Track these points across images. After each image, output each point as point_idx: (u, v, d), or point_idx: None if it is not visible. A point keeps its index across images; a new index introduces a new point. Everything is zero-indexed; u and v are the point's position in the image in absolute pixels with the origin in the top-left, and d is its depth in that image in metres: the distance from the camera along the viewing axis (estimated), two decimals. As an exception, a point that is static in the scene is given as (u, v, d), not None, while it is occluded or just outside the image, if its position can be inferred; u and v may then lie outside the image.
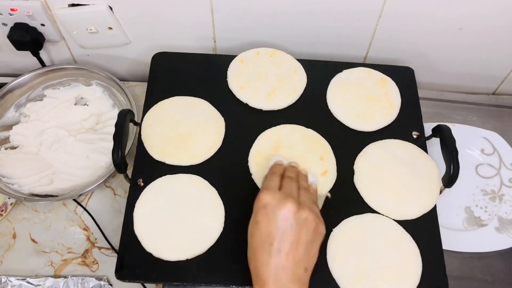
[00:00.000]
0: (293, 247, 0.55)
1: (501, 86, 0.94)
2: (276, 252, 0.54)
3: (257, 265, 0.55)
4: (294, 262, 0.54)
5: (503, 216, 0.77)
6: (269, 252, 0.54)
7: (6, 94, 0.84)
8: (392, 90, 0.78)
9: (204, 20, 0.82)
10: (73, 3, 0.78)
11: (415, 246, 0.64)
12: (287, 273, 0.54)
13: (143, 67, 0.90)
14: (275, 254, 0.54)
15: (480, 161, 0.83)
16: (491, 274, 0.73)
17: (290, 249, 0.54)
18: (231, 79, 0.78)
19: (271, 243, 0.54)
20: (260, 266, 0.54)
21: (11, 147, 0.83)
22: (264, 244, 0.55)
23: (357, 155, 0.72)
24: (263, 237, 0.55)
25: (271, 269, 0.54)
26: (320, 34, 0.85)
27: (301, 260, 0.55)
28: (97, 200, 0.80)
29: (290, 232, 0.55)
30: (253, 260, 0.56)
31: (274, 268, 0.54)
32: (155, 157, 0.70)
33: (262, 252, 0.55)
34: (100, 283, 0.72)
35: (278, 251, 0.54)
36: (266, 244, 0.55)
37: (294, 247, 0.55)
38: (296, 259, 0.55)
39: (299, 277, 0.54)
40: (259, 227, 0.56)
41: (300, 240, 0.55)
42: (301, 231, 0.56)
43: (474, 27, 0.80)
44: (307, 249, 0.56)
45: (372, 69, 0.80)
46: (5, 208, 0.78)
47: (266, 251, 0.55)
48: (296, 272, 0.54)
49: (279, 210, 0.56)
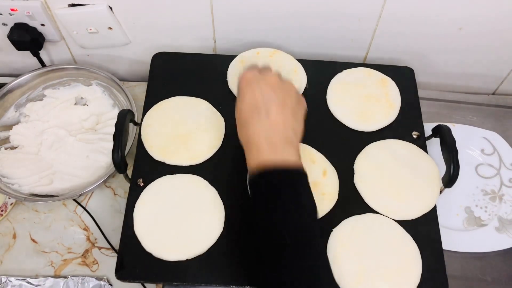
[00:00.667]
0: (279, 110, 0.57)
1: (501, 86, 0.94)
2: (264, 116, 0.56)
3: (249, 134, 0.57)
4: (283, 123, 0.57)
5: (503, 216, 0.77)
6: (259, 117, 0.57)
7: (6, 94, 0.84)
8: (392, 90, 0.78)
9: (204, 20, 0.82)
10: (73, 3, 0.78)
11: (415, 246, 0.64)
12: (278, 134, 0.56)
13: (143, 67, 0.90)
14: (264, 118, 0.56)
15: (480, 161, 0.83)
16: (491, 274, 0.73)
17: (277, 112, 0.57)
18: (231, 79, 0.78)
19: (259, 110, 0.57)
20: (252, 134, 0.57)
21: (11, 147, 0.83)
22: (253, 113, 0.57)
23: (357, 155, 0.72)
24: (251, 108, 0.58)
25: (263, 131, 0.56)
26: (320, 34, 0.85)
27: (289, 122, 0.57)
28: (97, 200, 0.80)
29: (275, 97, 0.58)
30: (244, 132, 0.58)
31: (265, 130, 0.56)
32: (155, 157, 0.70)
33: (252, 121, 0.57)
34: (100, 283, 0.72)
35: (267, 115, 0.56)
36: (254, 112, 0.57)
37: (281, 110, 0.57)
38: (284, 120, 0.57)
39: (289, 139, 0.56)
40: (245, 101, 0.59)
41: (285, 105, 0.58)
42: (285, 97, 0.59)
43: (474, 27, 0.80)
44: (293, 113, 0.59)
45: (372, 69, 0.80)
46: (5, 208, 0.78)
47: (255, 119, 0.57)
48: (286, 133, 0.56)
49: (263, 80, 0.60)
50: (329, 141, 0.73)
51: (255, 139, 0.56)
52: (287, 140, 0.56)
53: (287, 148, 0.56)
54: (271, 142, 0.55)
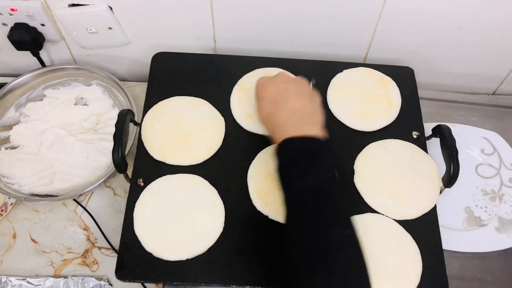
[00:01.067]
0: (296, 97, 0.63)
1: (501, 86, 0.94)
2: (283, 103, 0.62)
3: (273, 121, 0.62)
4: (301, 107, 0.62)
5: (503, 216, 0.77)
6: (279, 107, 0.62)
7: (6, 94, 0.84)
8: (392, 90, 0.78)
9: (204, 20, 0.82)
10: (73, 3, 0.78)
11: (415, 246, 0.64)
12: (298, 115, 0.61)
13: (143, 67, 0.90)
14: (284, 105, 0.62)
15: (480, 161, 0.83)
16: (491, 274, 0.73)
17: (295, 99, 0.63)
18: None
19: (278, 102, 0.63)
20: (276, 119, 0.62)
21: (11, 147, 0.83)
22: (273, 106, 0.63)
23: (357, 155, 0.72)
24: (270, 103, 0.64)
25: (284, 114, 0.61)
26: (320, 34, 0.85)
27: (307, 106, 0.63)
28: (97, 200, 0.80)
29: (290, 89, 0.64)
30: (270, 122, 0.64)
31: (286, 113, 0.61)
32: (155, 157, 0.70)
33: (273, 112, 0.62)
34: (100, 283, 0.72)
35: (285, 102, 0.62)
36: (275, 105, 0.63)
37: (298, 97, 0.63)
38: (302, 104, 0.62)
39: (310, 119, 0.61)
40: (264, 99, 0.65)
41: (301, 93, 0.64)
42: (299, 87, 0.65)
43: (474, 27, 0.80)
44: (309, 99, 0.64)
45: (372, 69, 0.80)
46: (5, 208, 0.78)
47: (276, 109, 0.62)
48: (306, 113, 0.62)
49: (276, 78, 0.67)
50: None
51: (280, 124, 0.61)
52: (309, 120, 0.61)
53: (309, 126, 0.60)
54: (294, 123, 0.60)
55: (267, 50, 0.87)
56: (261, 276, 0.62)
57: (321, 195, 0.54)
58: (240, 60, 0.82)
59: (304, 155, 0.57)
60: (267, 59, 0.82)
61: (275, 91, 0.64)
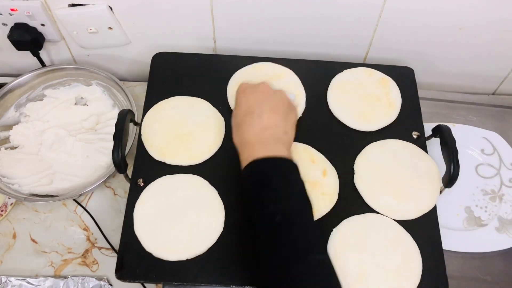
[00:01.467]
0: (272, 112, 0.61)
1: (501, 86, 0.94)
2: (257, 117, 0.61)
3: (242, 135, 0.61)
4: (275, 124, 0.60)
5: (503, 216, 0.77)
6: (252, 119, 0.61)
7: (6, 94, 0.84)
8: (392, 90, 0.78)
9: (204, 20, 0.82)
10: (73, 3, 0.78)
11: (415, 246, 0.64)
12: (269, 133, 0.60)
13: (143, 67, 0.90)
14: (257, 119, 0.60)
15: (480, 161, 0.83)
16: (491, 274, 0.73)
17: (270, 113, 0.61)
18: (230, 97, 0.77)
19: (252, 112, 0.61)
20: (245, 133, 0.60)
21: (11, 147, 0.83)
22: (246, 115, 0.62)
23: (357, 155, 0.72)
24: (245, 112, 0.62)
25: (255, 130, 0.60)
26: (320, 34, 0.85)
27: (280, 124, 0.61)
28: (97, 200, 0.80)
29: (268, 101, 0.63)
30: (239, 134, 0.62)
31: (257, 131, 0.60)
32: (155, 157, 0.70)
33: (245, 123, 0.61)
34: (100, 283, 0.72)
35: (259, 116, 0.61)
36: (247, 114, 0.62)
37: (273, 112, 0.61)
38: (276, 121, 0.61)
39: (281, 139, 0.60)
40: (240, 106, 0.64)
41: (278, 108, 0.63)
42: (277, 102, 0.64)
43: (474, 27, 0.80)
44: (285, 116, 0.63)
45: (373, 69, 0.80)
46: (5, 208, 0.78)
47: (248, 120, 0.61)
48: (277, 132, 0.60)
49: (257, 87, 0.65)
50: (329, 141, 0.73)
51: (248, 139, 0.60)
52: (279, 140, 0.60)
53: (278, 145, 0.58)
54: (262, 141, 0.59)
55: (267, 50, 0.87)
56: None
57: (295, 220, 0.53)
58: (240, 60, 0.81)
59: (274, 178, 0.56)
60: (267, 59, 0.81)
61: (252, 101, 0.63)
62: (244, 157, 0.59)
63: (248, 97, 0.64)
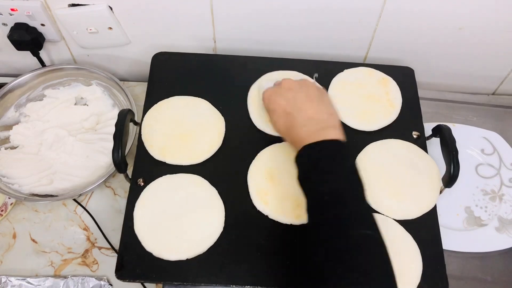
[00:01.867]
0: (308, 103, 0.63)
1: (501, 86, 0.94)
2: (297, 113, 0.62)
3: (292, 133, 0.62)
4: (315, 112, 0.62)
5: (503, 216, 0.77)
6: (294, 119, 0.62)
7: (6, 94, 0.84)
8: (393, 89, 0.78)
9: (204, 20, 0.82)
10: (73, 3, 0.78)
11: (416, 246, 0.64)
12: (314, 121, 0.61)
13: (143, 67, 0.90)
14: (298, 115, 0.62)
15: (480, 161, 0.83)
16: (491, 274, 0.73)
17: (307, 105, 0.62)
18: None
19: (292, 113, 0.62)
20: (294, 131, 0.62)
21: (11, 147, 0.83)
22: (287, 116, 0.63)
23: (357, 155, 0.72)
24: (283, 115, 0.63)
25: (300, 124, 0.61)
26: (320, 34, 0.85)
27: (321, 109, 0.63)
28: (97, 200, 0.80)
29: (299, 95, 0.64)
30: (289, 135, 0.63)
31: (302, 122, 0.61)
32: (155, 157, 0.70)
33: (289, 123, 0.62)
34: (100, 283, 0.72)
35: (299, 112, 0.62)
36: (289, 117, 0.63)
37: (309, 102, 0.63)
38: (315, 109, 0.62)
39: (326, 123, 0.61)
40: (276, 113, 0.65)
41: (310, 96, 0.64)
42: (307, 90, 0.65)
43: (474, 27, 0.80)
44: (320, 100, 0.64)
45: (373, 69, 0.80)
46: (5, 208, 0.78)
47: (291, 119, 0.62)
48: (322, 118, 0.61)
49: (282, 87, 0.66)
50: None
51: (298, 134, 0.61)
52: (326, 124, 0.61)
53: (327, 130, 0.60)
54: (312, 130, 0.60)
55: (267, 50, 0.87)
56: (261, 276, 0.62)
57: (341, 199, 0.54)
58: (240, 60, 0.82)
59: (322, 160, 0.57)
60: (267, 59, 0.82)
61: (284, 102, 0.64)
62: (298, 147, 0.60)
63: (279, 101, 0.65)
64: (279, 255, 0.63)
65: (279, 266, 0.63)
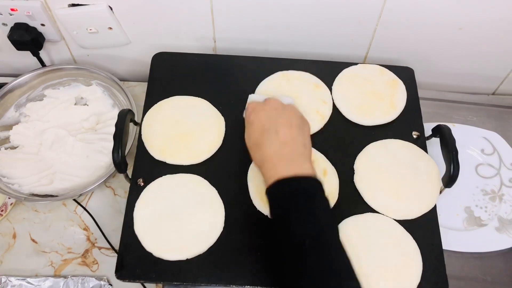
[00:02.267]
0: (287, 128, 0.61)
1: (501, 86, 0.94)
2: (274, 134, 0.60)
3: (263, 154, 0.60)
4: (292, 139, 0.60)
5: (503, 216, 0.77)
6: (269, 137, 0.60)
7: (6, 94, 0.84)
8: (399, 92, 0.77)
9: (204, 20, 0.82)
10: (73, 3, 0.78)
11: (416, 246, 0.64)
12: (290, 149, 0.59)
13: (143, 67, 0.90)
14: (275, 137, 0.60)
15: (480, 161, 0.83)
16: (491, 274, 0.73)
17: (285, 130, 0.61)
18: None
19: (269, 131, 0.61)
20: (266, 153, 0.60)
21: (11, 147, 0.83)
22: (263, 135, 0.61)
23: (357, 155, 0.72)
24: (260, 131, 0.62)
25: (275, 149, 0.59)
26: (320, 34, 0.85)
27: (298, 138, 0.61)
28: (97, 200, 0.80)
29: (281, 118, 0.62)
30: (258, 153, 0.62)
31: (277, 148, 0.59)
32: (155, 157, 0.70)
33: (263, 142, 0.61)
34: (100, 283, 0.72)
35: (276, 133, 0.60)
36: (264, 132, 0.61)
37: (288, 128, 0.61)
38: (292, 136, 0.61)
39: (301, 153, 0.60)
40: (254, 126, 0.63)
41: (292, 123, 0.62)
42: (290, 117, 0.63)
43: (474, 27, 0.80)
44: (300, 130, 0.63)
45: (387, 69, 0.80)
46: (5, 208, 0.78)
47: (266, 139, 0.61)
48: (296, 147, 0.60)
49: (267, 104, 0.65)
50: (330, 140, 0.73)
51: (269, 156, 0.59)
52: (300, 155, 0.60)
53: (300, 160, 0.58)
54: (284, 158, 0.58)
55: (267, 50, 0.87)
56: (261, 276, 0.62)
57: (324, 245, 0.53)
58: (240, 60, 0.82)
59: (301, 200, 0.55)
60: (267, 59, 0.82)
61: (265, 118, 0.63)
62: (268, 175, 0.58)
63: (260, 115, 0.63)
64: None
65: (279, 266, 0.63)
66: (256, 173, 0.69)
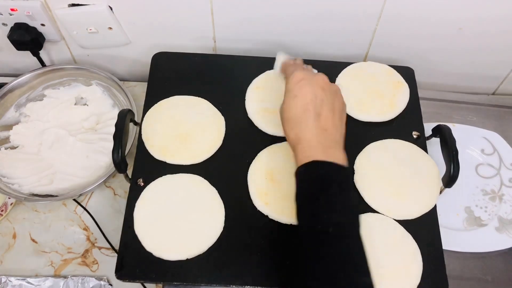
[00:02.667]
0: (330, 113, 0.59)
1: (501, 86, 0.94)
2: (316, 116, 0.58)
3: (300, 131, 0.58)
4: (333, 126, 0.58)
5: (503, 216, 0.77)
6: (310, 117, 0.58)
7: (6, 94, 0.84)
8: (401, 95, 0.77)
9: (204, 20, 0.82)
10: (73, 3, 0.78)
11: (416, 246, 0.64)
12: (328, 134, 0.57)
13: (143, 67, 0.90)
14: (316, 118, 0.58)
15: (480, 161, 0.83)
16: (491, 274, 0.73)
17: (328, 115, 0.58)
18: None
19: (310, 112, 0.58)
20: (303, 130, 0.58)
21: (11, 147, 0.83)
22: (305, 111, 0.58)
23: (357, 155, 0.72)
24: (302, 107, 0.58)
25: (314, 129, 0.57)
26: (320, 34, 0.85)
27: (338, 125, 0.59)
28: (97, 200, 0.80)
29: (326, 100, 0.59)
30: (295, 130, 0.59)
31: (316, 128, 0.57)
32: (155, 157, 0.70)
33: (303, 119, 0.58)
34: (100, 283, 0.72)
35: (318, 115, 0.58)
36: (307, 111, 0.58)
37: (331, 113, 0.59)
38: (333, 123, 0.59)
39: (338, 142, 0.58)
40: (297, 99, 0.59)
41: (335, 108, 0.60)
42: (334, 100, 0.60)
43: (474, 27, 0.80)
44: (341, 117, 0.61)
45: (395, 70, 0.80)
46: (5, 208, 0.78)
47: (307, 117, 0.58)
48: (335, 135, 0.58)
49: (315, 79, 0.61)
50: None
51: (306, 139, 0.57)
52: (338, 143, 0.58)
53: (337, 149, 0.57)
54: (322, 144, 0.57)
55: (267, 50, 0.87)
56: (261, 276, 0.62)
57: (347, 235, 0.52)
58: (240, 60, 0.82)
59: (333, 186, 0.54)
60: (267, 59, 0.81)
61: (310, 96, 0.58)
62: (303, 155, 0.56)
63: (306, 91, 0.59)
64: (279, 255, 0.63)
65: (279, 266, 0.63)
66: (257, 172, 0.69)
